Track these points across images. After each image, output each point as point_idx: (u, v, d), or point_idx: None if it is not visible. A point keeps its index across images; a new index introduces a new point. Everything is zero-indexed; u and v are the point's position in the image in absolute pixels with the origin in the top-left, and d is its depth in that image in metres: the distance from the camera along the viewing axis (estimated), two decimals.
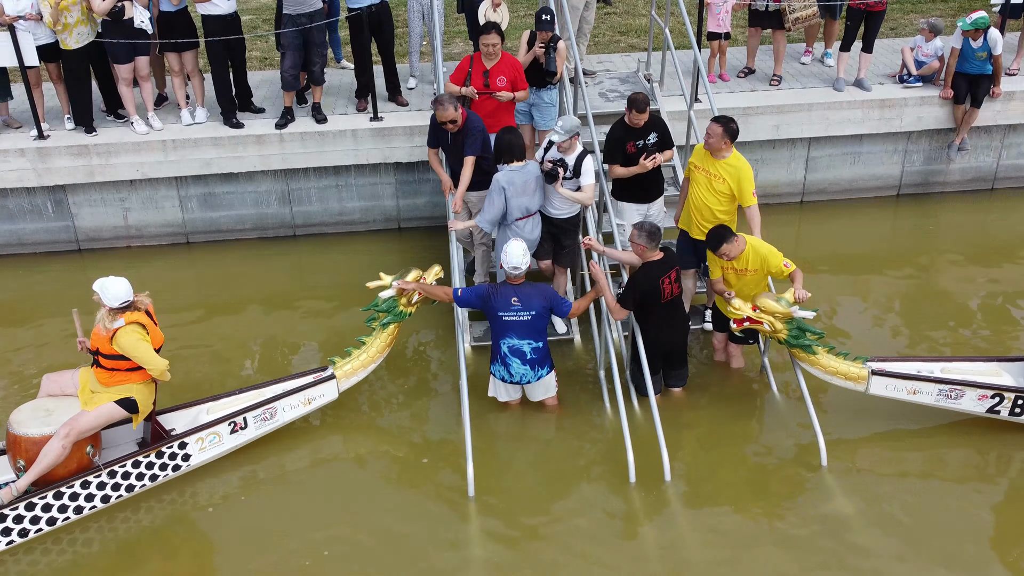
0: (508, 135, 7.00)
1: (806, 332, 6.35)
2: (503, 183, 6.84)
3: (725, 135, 6.80)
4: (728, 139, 6.82)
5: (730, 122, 6.85)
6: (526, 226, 7.07)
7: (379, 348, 6.73)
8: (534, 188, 6.98)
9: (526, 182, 6.91)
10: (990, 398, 6.38)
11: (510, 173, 6.88)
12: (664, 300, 6.54)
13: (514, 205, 6.91)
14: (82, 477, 5.86)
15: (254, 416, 6.33)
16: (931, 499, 6.06)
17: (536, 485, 6.25)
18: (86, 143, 8.72)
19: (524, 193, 6.92)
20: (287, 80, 8.82)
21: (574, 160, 6.98)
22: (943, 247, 9.22)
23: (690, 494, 6.11)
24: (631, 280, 6.58)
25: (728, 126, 6.82)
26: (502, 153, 6.93)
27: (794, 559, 5.61)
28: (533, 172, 6.97)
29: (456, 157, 7.33)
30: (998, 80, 9.49)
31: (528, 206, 7.00)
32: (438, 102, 7.09)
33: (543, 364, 6.57)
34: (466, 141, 7.14)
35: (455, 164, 7.39)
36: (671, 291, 6.55)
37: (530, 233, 7.10)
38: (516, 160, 6.90)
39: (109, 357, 5.89)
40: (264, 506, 6.07)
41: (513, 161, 6.90)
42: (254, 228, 9.42)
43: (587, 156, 6.99)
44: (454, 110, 7.04)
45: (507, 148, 6.89)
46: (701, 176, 6.99)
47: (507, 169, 6.91)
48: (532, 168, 7.00)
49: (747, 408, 6.95)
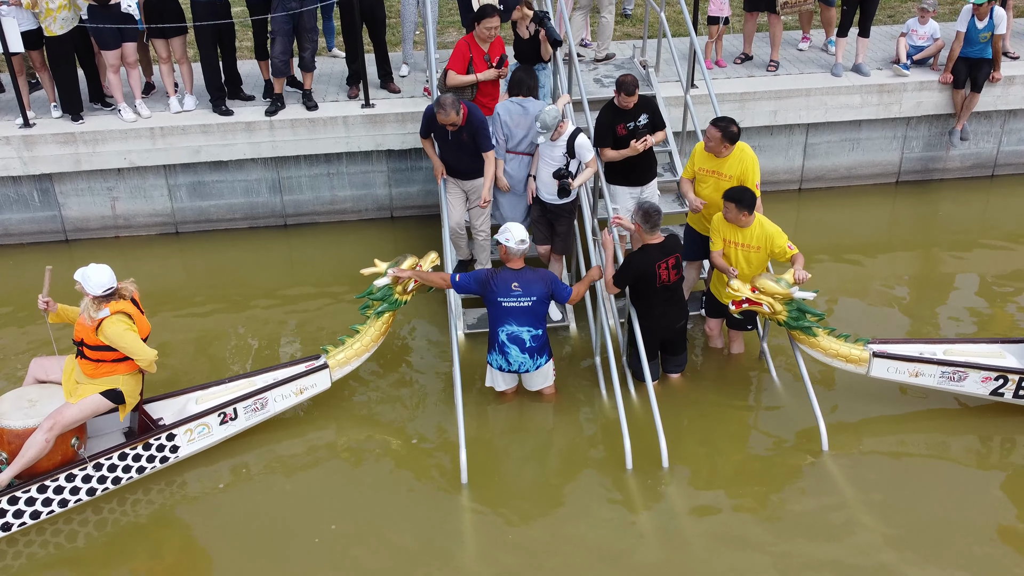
0: (519, 72, 7.37)
1: (806, 313, 6.23)
2: (500, 112, 7.22)
3: (724, 139, 6.63)
4: (727, 143, 6.65)
5: (730, 125, 6.63)
6: (512, 162, 7.30)
7: (373, 337, 6.59)
8: (528, 126, 7.18)
9: (524, 117, 7.15)
10: (994, 380, 6.27)
11: (508, 104, 7.23)
12: (659, 285, 6.40)
13: (507, 135, 7.22)
14: (67, 470, 5.73)
15: (244, 407, 6.18)
16: (934, 484, 5.95)
17: (531, 472, 6.13)
18: (72, 131, 8.57)
19: (518, 127, 7.16)
20: (277, 66, 8.67)
21: (565, 144, 6.87)
22: (943, 234, 9.09)
23: (688, 480, 6.00)
24: (627, 259, 6.48)
25: (728, 130, 6.61)
26: (511, 86, 7.31)
27: (795, 546, 5.49)
28: (532, 112, 7.15)
29: (457, 154, 7.17)
30: (998, 64, 9.37)
31: (518, 145, 7.22)
32: (440, 105, 6.86)
33: (542, 352, 6.43)
34: (478, 139, 7.02)
35: (455, 161, 7.24)
36: (667, 277, 6.42)
37: (515, 171, 7.31)
38: (520, 95, 7.22)
39: (94, 348, 5.74)
40: (255, 498, 5.92)
41: (518, 95, 7.22)
42: (244, 217, 9.27)
43: (579, 134, 6.87)
44: (456, 113, 6.84)
45: (515, 83, 7.27)
46: (708, 176, 6.86)
47: (508, 100, 7.27)
48: (531, 107, 7.18)
49: (746, 393, 6.83)
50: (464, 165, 7.25)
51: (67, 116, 8.78)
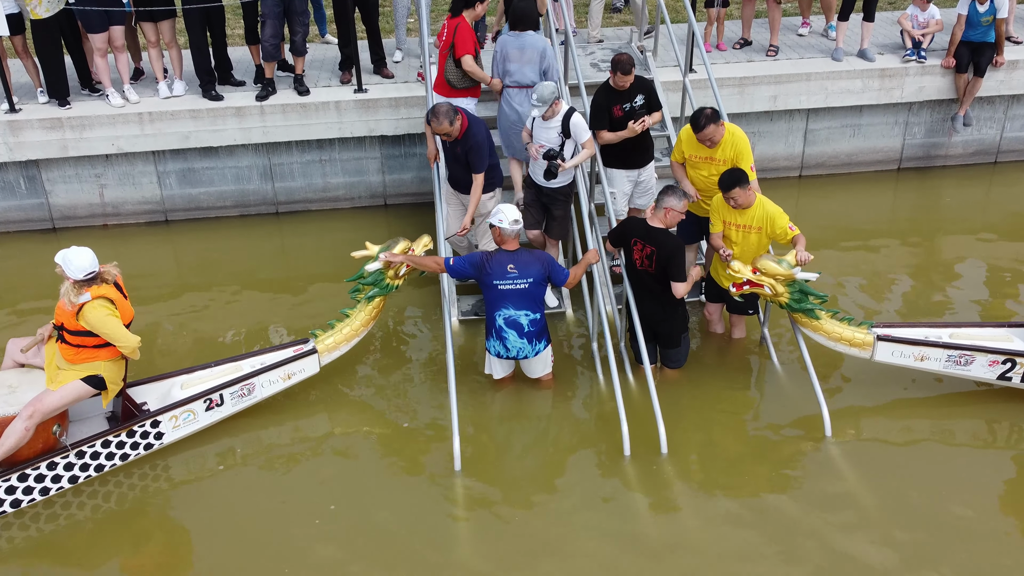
0: (521, 3, 7.28)
1: (808, 295, 6.07)
2: (497, 48, 7.29)
3: (718, 124, 6.45)
4: (718, 126, 6.47)
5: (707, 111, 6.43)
6: (517, 96, 7.25)
7: (363, 321, 6.43)
8: (529, 59, 7.16)
9: (522, 50, 7.17)
10: (1001, 363, 6.11)
11: (507, 38, 7.25)
12: (634, 262, 6.24)
13: (506, 70, 7.25)
14: (48, 458, 5.56)
15: (231, 392, 6.02)
16: (939, 470, 5.79)
17: (526, 459, 5.97)
18: (59, 116, 8.39)
19: (517, 61, 7.17)
20: (267, 50, 8.51)
21: (559, 124, 6.69)
22: (946, 222, 8.94)
23: (687, 467, 5.84)
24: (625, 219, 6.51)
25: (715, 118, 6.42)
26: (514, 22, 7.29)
27: (797, 532, 5.33)
28: (531, 43, 7.17)
29: (453, 165, 6.90)
30: (1001, 48, 9.22)
31: (519, 79, 7.22)
32: (433, 113, 6.48)
33: (540, 337, 6.26)
34: (470, 157, 6.64)
35: (452, 171, 6.97)
36: (639, 260, 6.21)
37: (519, 105, 7.26)
38: (520, 28, 7.23)
39: (75, 333, 5.56)
40: (242, 485, 5.75)
41: (516, 28, 7.24)
42: (235, 205, 9.10)
43: (574, 114, 6.70)
44: (449, 124, 6.45)
45: (518, 18, 7.23)
46: (701, 163, 6.71)
47: (506, 33, 7.29)
48: (530, 39, 7.19)
49: (747, 379, 6.68)
50: (460, 176, 6.92)
51: (53, 101, 8.61)
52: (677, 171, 6.94)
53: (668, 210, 6.17)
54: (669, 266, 6.10)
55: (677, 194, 6.22)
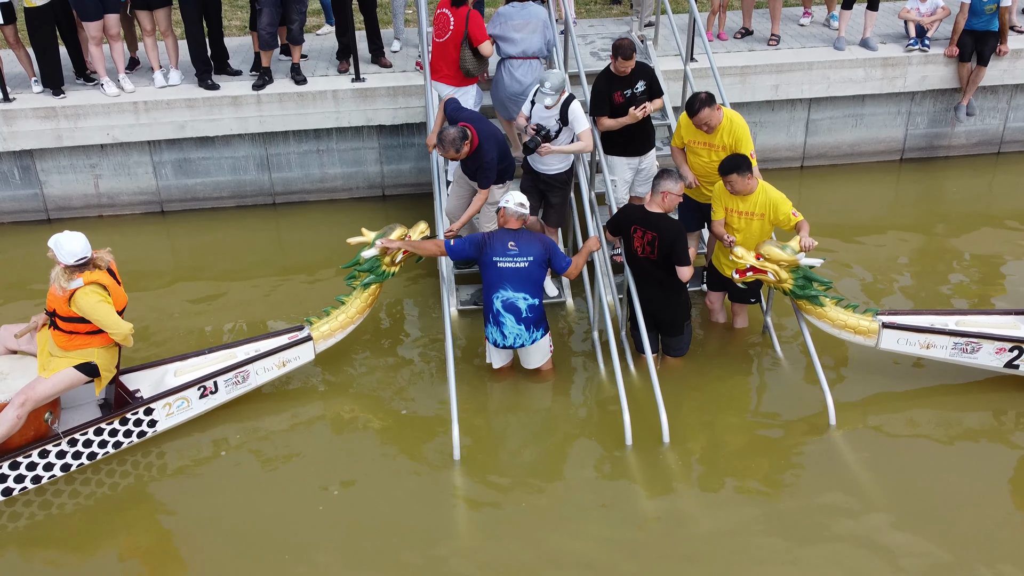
0: None
1: (813, 282, 5.97)
2: (498, 18, 7.31)
3: (712, 108, 6.35)
4: (716, 105, 6.40)
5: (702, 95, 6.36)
6: (520, 67, 7.29)
7: (359, 309, 6.33)
8: (533, 29, 7.20)
9: (527, 21, 7.20)
10: (1008, 351, 6.02)
11: (510, 9, 7.29)
12: (635, 250, 6.15)
13: (509, 39, 7.24)
14: (40, 446, 5.47)
15: (225, 380, 5.92)
16: (945, 460, 5.70)
17: (526, 448, 5.87)
18: (53, 105, 8.30)
19: (521, 31, 7.21)
20: (264, 38, 8.42)
21: (558, 112, 6.60)
22: (949, 213, 8.83)
23: (689, 456, 5.74)
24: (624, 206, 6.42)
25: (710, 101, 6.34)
26: None
27: (800, 521, 5.24)
28: (535, 14, 7.22)
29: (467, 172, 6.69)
30: (1004, 37, 9.14)
31: (524, 48, 7.26)
32: (440, 143, 6.22)
33: (539, 325, 6.16)
34: (478, 175, 6.44)
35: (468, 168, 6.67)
36: (640, 248, 6.12)
37: (523, 76, 7.28)
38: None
39: (67, 319, 5.46)
40: (237, 472, 5.66)
41: None
42: (232, 196, 9.01)
43: (573, 101, 6.59)
44: (455, 151, 6.22)
45: None
46: (700, 148, 6.63)
47: (509, 5, 7.32)
48: (534, 10, 7.25)
49: (749, 369, 6.58)
50: (471, 173, 6.64)
51: (48, 91, 8.52)
52: (677, 156, 6.87)
53: (665, 194, 6.08)
54: (673, 251, 6.00)
55: (673, 177, 6.13)
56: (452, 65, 7.35)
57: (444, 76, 7.43)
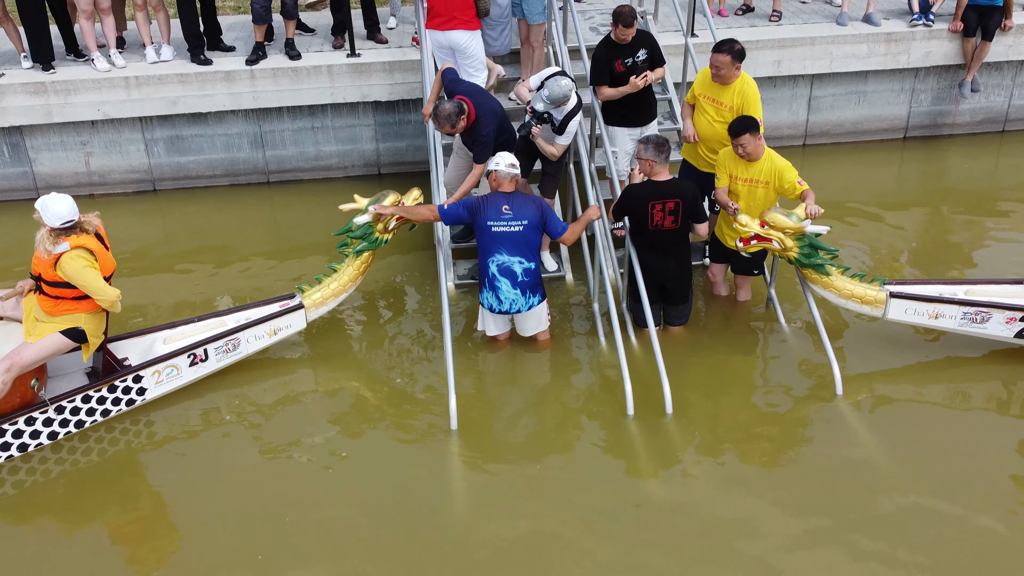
0: None
1: (819, 250, 5.83)
2: None
3: (734, 61, 6.28)
4: (737, 63, 6.31)
5: (733, 44, 6.31)
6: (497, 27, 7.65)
7: (351, 276, 6.19)
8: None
9: None
10: (1019, 321, 5.88)
11: None
12: (652, 227, 6.01)
13: None
14: (26, 413, 5.33)
15: (215, 348, 5.78)
16: (954, 430, 5.56)
17: (525, 418, 5.73)
18: (43, 80, 8.15)
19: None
20: (257, 12, 8.28)
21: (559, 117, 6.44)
22: (952, 192, 8.69)
23: (693, 427, 5.59)
24: (625, 189, 6.10)
25: (733, 49, 6.29)
26: None
27: (805, 491, 5.10)
28: None
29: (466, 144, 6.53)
30: (1009, 12, 9.02)
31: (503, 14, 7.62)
32: (435, 118, 6.12)
33: (535, 291, 6.03)
34: (475, 149, 6.30)
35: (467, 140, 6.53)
36: (661, 220, 5.99)
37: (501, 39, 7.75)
38: None
39: (53, 284, 5.30)
40: (227, 442, 5.51)
41: None
42: (225, 174, 8.86)
43: (574, 117, 6.43)
44: (451, 126, 6.11)
45: None
46: (708, 104, 6.50)
47: None
48: None
49: (753, 341, 6.44)
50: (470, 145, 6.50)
51: (37, 66, 8.37)
52: (685, 110, 6.81)
53: (650, 162, 5.97)
54: (695, 210, 6.01)
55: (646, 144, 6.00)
56: (468, 9, 7.17)
57: (460, 23, 7.20)
